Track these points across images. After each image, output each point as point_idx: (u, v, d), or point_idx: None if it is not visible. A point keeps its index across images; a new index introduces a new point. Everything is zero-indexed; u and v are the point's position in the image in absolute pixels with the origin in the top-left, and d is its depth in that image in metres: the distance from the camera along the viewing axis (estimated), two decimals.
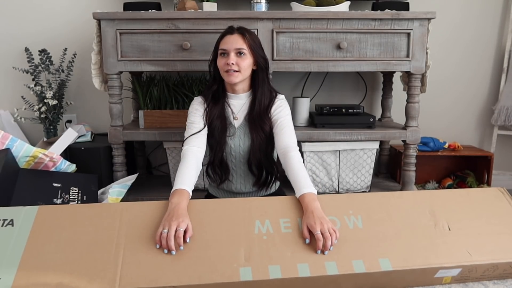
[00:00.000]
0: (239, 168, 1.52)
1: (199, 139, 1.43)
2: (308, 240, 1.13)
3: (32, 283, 0.99)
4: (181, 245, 1.08)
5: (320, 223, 1.13)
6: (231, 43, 1.42)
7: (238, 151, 1.49)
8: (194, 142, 1.41)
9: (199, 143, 1.42)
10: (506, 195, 1.34)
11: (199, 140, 1.43)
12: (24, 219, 1.13)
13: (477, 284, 1.19)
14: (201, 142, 1.43)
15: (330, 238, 1.10)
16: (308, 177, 1.31)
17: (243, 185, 1.54)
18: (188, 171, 1.31)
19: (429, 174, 2.38)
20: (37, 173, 1.56)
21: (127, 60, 1.79)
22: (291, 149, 1.38)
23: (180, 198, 1.20)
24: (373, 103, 2.41)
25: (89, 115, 2.36)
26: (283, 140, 1.41)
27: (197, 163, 1.36)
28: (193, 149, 1.39)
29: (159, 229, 1.11)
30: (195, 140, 1.42)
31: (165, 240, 1.07)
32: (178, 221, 1.10)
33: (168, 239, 1.07)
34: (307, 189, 1.24)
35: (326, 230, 1.11)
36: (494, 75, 2.42)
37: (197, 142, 1.42)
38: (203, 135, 1.45)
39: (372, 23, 1.78)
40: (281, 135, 1.43)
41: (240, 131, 1.49)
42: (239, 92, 1.50)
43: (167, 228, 1.10)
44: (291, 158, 1.35)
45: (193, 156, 1.37)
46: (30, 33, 2.26)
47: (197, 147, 1.40)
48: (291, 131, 1.45)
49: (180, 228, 1.09)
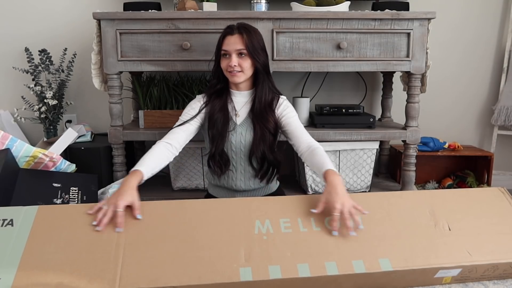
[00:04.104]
0: (239, 164, 1.52)
1: (176, 134, 1.44)
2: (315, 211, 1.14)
3: (32, 283, 0.99)
4: (118, 227, 1.09)
5: (342, 203, 1.13)
6: (231, 45, 1.43)
7: (239, 147, 1.50)
8: (168, 137, 1.43)
9: (172, 139, 1.42)
10: (506, 195, 1.34)
11: (176, 136, 1.43)
12: (24, 219, 1.13)
13: (477, 284, 1.18)
14: (175, 138, 1.43)
15: (349, 218, 1.11)
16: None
17: (243, 182, 1.54)
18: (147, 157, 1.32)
19: (429, 174, 2.38)
20: (37, 173, 1.56)
21: (127, 60, 1.79)
22: (315, 144, 1.41)
23: (130, 176, 1.21)
24: (373, 103, 2.41)
25: (89, 115, 2.36)
26: (305, 141, 1.44)
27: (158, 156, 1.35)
28: (160, 145, 1.39)
29: (101, 202, 1.14)
30: (170, 135, 1.43)
31: (101, 214, 1.10)
32: (116, 200, 1.11)
33: (104, 215, 1.10)
34: (331, 167, 1.26)
35: (346, 211, 1.12)
36: (494, 75, 2.42)
37: (170, 137, 1.42)
38: (184, 130, 1.46)
39: (372, 23, 1.78)
40: (299, 137, 1.46)
41: (242, 128, 1.50)
42: (242, 89, 1.52)
43: (108, 205, 1.12)
44: (317, 149, 1.38)
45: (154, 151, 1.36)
46: (30, 33, 2.26)
47: (167, 142, 1.40)
48: (306, 130, 1.49)
49: (118, 208, 1.10)
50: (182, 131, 1.46)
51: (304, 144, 1.43)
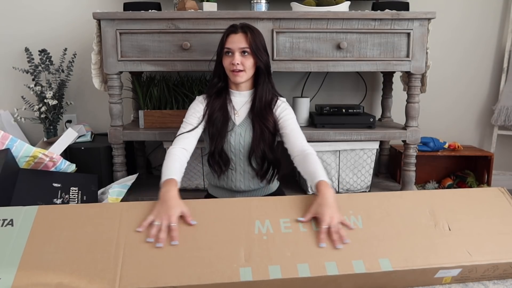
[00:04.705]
0: (238, 165, 1.52)
1: (188, 139, 1.43)
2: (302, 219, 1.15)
3: (32, 283, 0.99)
4: (174, 240, 1.08)
5: (331, 217, 1.14)
6: (235, 43, 1.43)
7: (238, 148, 1.50)
8: (181, 143, 1.42)
9: (186, 144, 1.42)
10: (506, 195, 1.34)
11: (188, 141, 1.43)
12: (24, 219, 1.13)
13: (477, 284, 1.18)
14: (188, 143, 1.43)
15: (336, 232, 1.12)
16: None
17: (243, 182, 1.54)
18: (173, 164, 1.32)
19: (429, 174, 2.38)
20: (37, 173, 1.56)
21: (127, 60, 1.79)
22: (308, 149, 1.40)
23: (169, 186, 1.21)
24: (373, 103, 2.41)
25: (89, 115, 2.36)
26: (299, 144, 1.43)
27: (180, 162, 1.36)
28: (177, 151, 1.38)
29: (149, 217, 1.13)
30: (183, 141, 1.43)
31: (155, 231, 1.09)
32: (168, 214, 1.12)
33: (161, 231, 1.09)
34: (324, 178, 1.25)
35: (334, 225, 1.12)
36: (494, 75, 2.42)
37: (184, 143, 1.42)
38: (194, 136, 1.45)
39: (372, 23, 1.78)
40: (294, 139, 1.45)
41: (241, 128, 1.50)
42: (242, 89, 1.52)
43: (159, 220, 1.11)
44: (310, 155, 1.37)
45: (178, 153, 1.37)
46: (30, 33, 2.26)
47: (183, 148, 1.40)
48: (302, 134, 1.48)
49: (173, 223, 1.10)
50: (192, 136, 1.45)
51: (297, 148, 1.42)
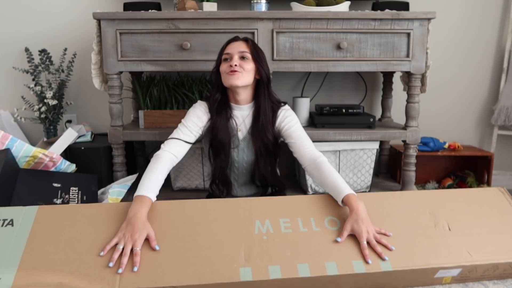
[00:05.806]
0: (240, 178, 1.53)
1: (182, 147, 1.41)
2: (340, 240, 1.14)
3: (32, 283, 0.99)
4: (136, 265, 1.03)
5: (367, 231, 1.14)
6: (235, 48, 1.41)
7: (242, 163, 1.50)
8: (174, 149, 1.38)
9: (178, 151, 1.39)
10: (506, 195, 1.34)
11: (181, 148, 1.40)
12: (24, 219, 1.13)
13: (477, 284, 1.19)
14: (180, 151, 1.40)
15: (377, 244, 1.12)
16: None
17: (244, 192, 1.56)
18: (156, 176, 1.27)
19: (429, 174, 2.38)
20: (37, 173, 1.56)
21: (127, 60, 1.79)
22: (319, 157, 1.37)
23: (141, 205, 1.15)
24: (373, 103, 2.41)
25: (89, 115, 2.36)
26: (308, 152, 1.40)
27: (168, 169, 1.34)
28: (167, 157, 1.35)
29: (113, 240, 1.08)
30: (176, 147, 1.39)
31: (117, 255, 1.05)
32: (134, 239, 1.07)
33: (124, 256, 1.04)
34: (349, 191, 1.22)
35: (372, 238, 1.13)
36: (494, 75, 2.41)
37: (176, 150, 1.39)
38: (188, 146, 1.43)
39: (372, 23, 1.78)
40: (302, 147, 1.42)
41: (244, 143, 1.49)
42: (242, 103, 1.48)
43: (123, 243, 1.07)
44: (322, 164, 1.34)
45: (167, 161, 1.34)
46: (30, 33, 2.26)
47: (173, 155, 1.37)
48: (309, 140, 1.44)
49: (137, 247, 1.06)
50: (187, 145, 1.43)
51: (307, 157, 1.39)
